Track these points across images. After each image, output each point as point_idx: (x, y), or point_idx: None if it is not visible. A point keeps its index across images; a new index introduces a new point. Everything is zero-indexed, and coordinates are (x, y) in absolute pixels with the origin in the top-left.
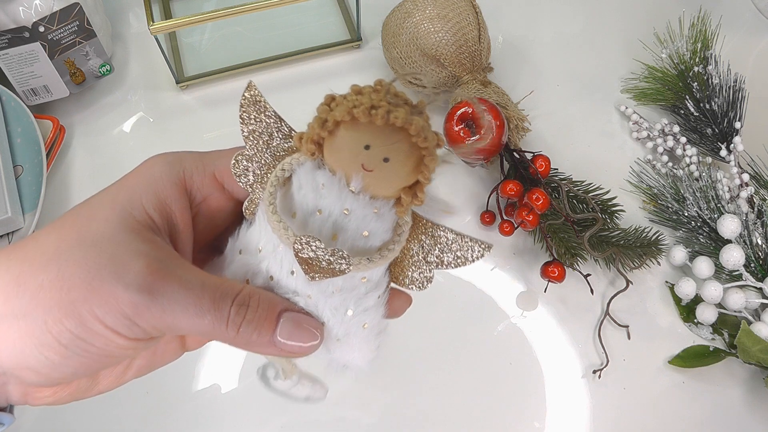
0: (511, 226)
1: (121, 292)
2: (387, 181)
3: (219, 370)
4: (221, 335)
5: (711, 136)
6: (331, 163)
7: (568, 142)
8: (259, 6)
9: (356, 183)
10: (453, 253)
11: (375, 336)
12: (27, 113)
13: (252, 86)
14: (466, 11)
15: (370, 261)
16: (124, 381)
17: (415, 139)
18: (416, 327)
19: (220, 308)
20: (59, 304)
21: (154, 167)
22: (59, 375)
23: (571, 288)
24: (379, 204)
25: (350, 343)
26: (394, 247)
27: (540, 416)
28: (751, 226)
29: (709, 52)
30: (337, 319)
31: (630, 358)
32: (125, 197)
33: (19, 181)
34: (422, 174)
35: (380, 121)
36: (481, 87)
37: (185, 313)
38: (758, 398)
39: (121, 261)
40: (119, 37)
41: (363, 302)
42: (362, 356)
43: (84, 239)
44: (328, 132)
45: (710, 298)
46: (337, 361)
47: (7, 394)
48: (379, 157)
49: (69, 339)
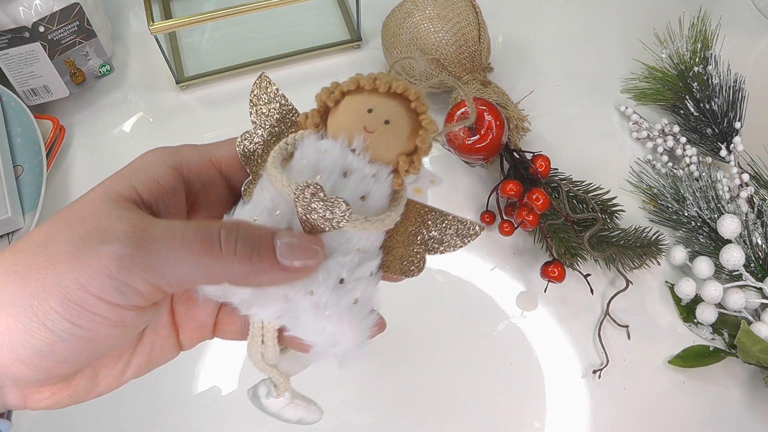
0: (511, 226)
1: (104, 249)
2: (387, 142)
3: (219, 371)
4: (218, 267)
5: (711, 136)
6: (335, 130)
7: (568, 142)
8: (259, 6)
9: (358, 143)
10: (447, 236)
11: (365, 315)
12: (27, 113)
13: (263, 76)
14: (466, 11)
15: (366, 220)
16: (123, 381)
17: (414, 104)
18: (416, 327)
19: (209, 233)
20: (45, 284)
21: (148, 156)
22: (48, 363)
23: (571, 288)
24: (377, 168)
25: (340, 318)
26: (390, 214)
27: (540, 416)
28: (751, 226)
29: (709, 52)
30: (328, 285)
31: (630, 358)
32: (114, 179)
33: (19, 181)
34: (420, 138)
35: (383, 87)
36: (481, 87)
37: (175, 256)
38: (758, 398)
39: (104, 227)
40: (119, 37)
41: (356, 272)
42: (352, 336)
43: (70, 219)
44: (335, 102)
45: (710, 298)
46: (326, 340)
47: (5, 398)
48: (380, 119)
49: (55, 321)
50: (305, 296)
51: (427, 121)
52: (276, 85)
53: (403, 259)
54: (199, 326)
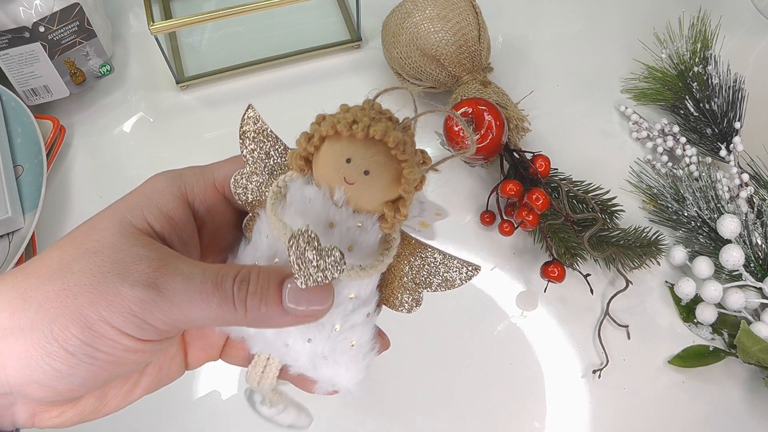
0: (511, 226)
1: (127, 291)
2: (368, 193)
3: (219, 377)
4: (232, 317)
5: (711, 136)
6: (318, 178)
7: (568, 142)
8: (259, 6)
9: (339, 196)
10: (441, 275)
11: (363, 356)
12: (27, 113)
13: (251, 108)
14: (466, 11)
15: (362, 269)
16: (131, 400)
17: (393, 151)
18: (416, 327)
19: (223, 288)
20: (65, 312)
21: (155, 183)
22: (66, 386)
23: (571, 288)
24: (362, 218)
25: (337, 361)
26: (383, 260)
27: (540, 416)
28: (750, 226)
29: (709, 52)
30: (323, 335)
31: (630, 358)
32: (125, 208)
33: (19, 181)
34: (402, 188)
35: (360, 135)
36: (481, 87)
37: (192, 302)
38: (758, 398)
39: (124, 264)
40: (119, 37)
41: (350, 319)
42: (350, 376)
43: (86, 250)
44: (315, 147)
45: (710, 298)
46: (326, 382)
47: (14, 417)
48: (359, 170)
49: (75, 345)
50: (304, 344)
51: (408, 170)
52: (262, 120)
53: (401, 294)
54: (208, 347)
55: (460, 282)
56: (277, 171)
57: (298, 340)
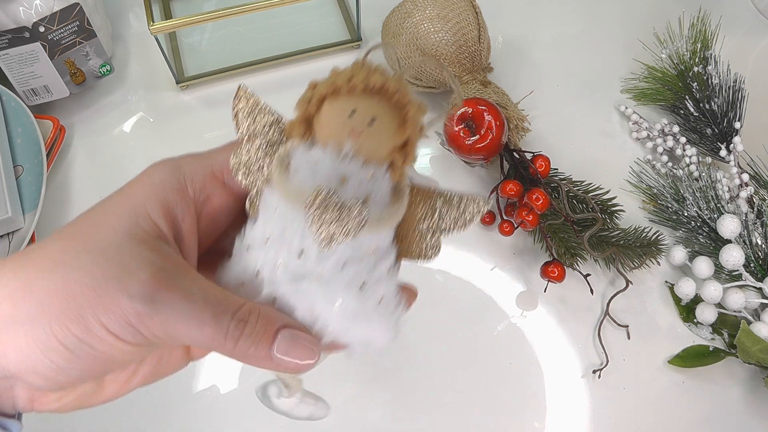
0: (511, 226)
1: (126, 302)
2: (377, 140)
3: (218, 371)
4: (220, 347)
5: (711, 136)
6: (323, 139)
7: (568, 142)
8: (259, 6)
9: (348, 149)
10: (454, 214)
11: (392, 310)
12: (27, 113)
13: (242, 88)
14: (466, 11)
15: (380, 219)
16: (129, 388)
17: (396, 96)
18: (416, 327)
19: (220, 321)
20: (65, 310)
21: (154, 175)
22: (65, 378)
23: (571, 288)
24: (373, 169)
25: (368, 317)
26: (398, 208)
27: (540, 416)
28: (750, 226)
29: (709, 52)
30: (351, 295)
31: (630, 358)
32: (130, 206)
33: (19, 181)
34: (409, 130)
35: (360, 86)
36: (481, 87)
37: (186, 325)
38: (758, 398)
39: (128, 270)
40: (119, 37)
41: (374, 273)
42: (383, 334)
43: (91, 247)
44: (315, 109)
45: (710, 298)
46: (359, 343)
47: (14, 399)
48: (365, 119)
49: (74, 343)
50: (332, 307)
51: (413, 111)
52: (254, 96)
53: (419, 244)
54: None
55: (471, 217)
56: (276, 144)
57: (326, 305)
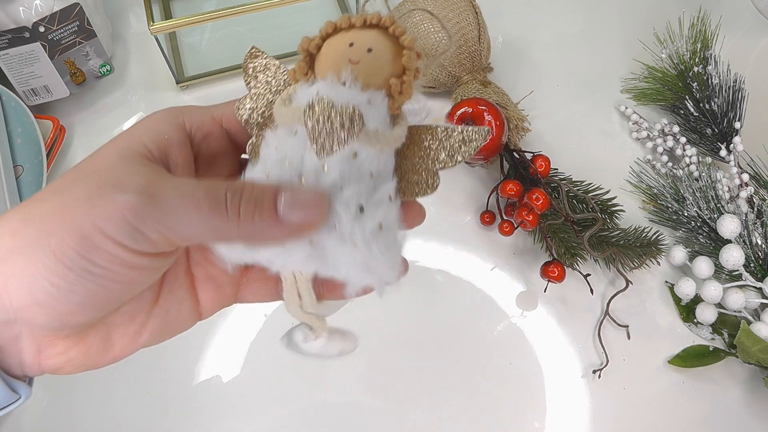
0: (511, 226)
1: (120, 198)
2: (374, 67)
3: (221, 360)
4: (224, 227)
5: (711, 136)
6: (323, 71)
7: (568, 142)
8: (259, 6)
9: (346, 75)
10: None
11: (393, 240)
12: (27, 113)
13: (256, 48)
14: (466, 11)
15: (376, 133)
16: (138, 345)
17: (391, 28)
18: (416, 327)
19: (216, 195)
20: (62, 226)
21: (154, 114)
22: (66, 306)
23: (571, 288)
24: (370, 94)
25: (368, 245)
26: (396, 130)
27: (540, 416)
28: (750, 226)
29: (709, 52)
30: (349, 215)
31: (630, 358)
32: (124, 137)
33: (19, 181)
34: (405, 59)
35: (359, 23)
36: (481, 87)
37: (184, 208)
38: (758, 398)
39: (119, 178)
40: (119, 37)
41: (374, 196)
42: (384, 261)
43: (83, 171)
44: (317, 49)
45: (710, 298)
46: (359, 271)
47: (21, 354)
48: (363, 49)
49: (72, 259)
50: (329, 233)
51: (408, 40)
52: (264, 52)
53: (418, 180)
54: (218, 288)
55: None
56: (280, 90)
57: (323, 233)
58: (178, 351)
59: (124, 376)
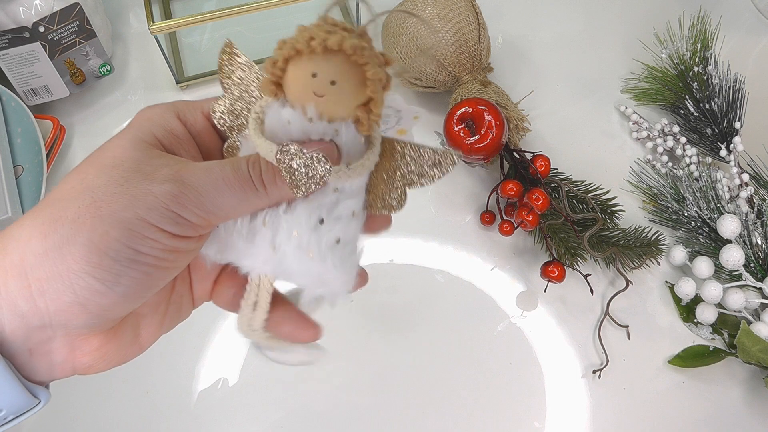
0: (511, 226)
1: (157, 188)
2: (339, 101)
3: (220, 362)
4: (255, 197)
5: (711, 136)
6: (291, 99)
7: (568, 142)
8: (259, 6)
9: (312, 111)
10: (425, 168)
11: (350, 255)
12: (27, 113)
13: (229, 43)
14: (466, 11)
15: (348, 168)
16: (160, 333)
17: (353, 57)
18: (416, 327)
19: (241, 170)
20: (102, 220)
21: (152, 109)
22: (109, 300)
23: (571, 288)
24: (338, 126)
25: (323, 257)
26: (368, 157)
27: (540, 416)
28: (750, 226)
29: (709, 52)
30: (308, 226)
31: (630, 358)
32: (133, 129)
33: (19, 181)
34: (369, 89)
35: (319, 48)
36: (481, 87)
37: (217, 189)
38: (758, 398)
39: (146, 171)
40: (119, 37)
41: (334, 211)
42: (337, 276)
43: (105, 165)
44: (281, 70)
45: (710, 298)
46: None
47: (51, 357)
48: (325, 81)
49: (118, 249)
50: (289, 240)
51: (370, 72)
52: (239, 51)
53: (385, 196)
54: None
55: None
56: (255, 97)
57: (284, 238)
58: (177, 352)
59: (123, 378)
